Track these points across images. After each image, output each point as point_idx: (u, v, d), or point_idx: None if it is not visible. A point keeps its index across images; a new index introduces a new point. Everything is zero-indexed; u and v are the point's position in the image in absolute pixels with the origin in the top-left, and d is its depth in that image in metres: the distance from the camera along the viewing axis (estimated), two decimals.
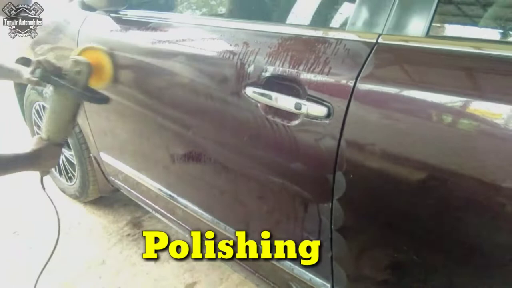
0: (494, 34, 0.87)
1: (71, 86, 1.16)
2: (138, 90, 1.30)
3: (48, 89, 1.83)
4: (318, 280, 1.01)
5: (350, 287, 0.96)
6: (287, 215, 1.02)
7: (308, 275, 1.03)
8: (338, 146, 0.82)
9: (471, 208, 0.69)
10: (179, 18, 1.23)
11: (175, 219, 1.48)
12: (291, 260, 1.06)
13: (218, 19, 1.24)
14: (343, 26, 0.86)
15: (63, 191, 2.17)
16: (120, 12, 1.36)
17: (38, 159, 1.15)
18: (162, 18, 1.26)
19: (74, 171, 1.98)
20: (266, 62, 0.92)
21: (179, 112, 1.19)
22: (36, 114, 2.07)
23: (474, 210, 0.69)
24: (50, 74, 1.16)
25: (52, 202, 1.40)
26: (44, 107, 1.97)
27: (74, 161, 1.92)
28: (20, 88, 2.12)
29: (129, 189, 1.69)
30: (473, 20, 0.80)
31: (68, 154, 1.98)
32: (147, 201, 1.61)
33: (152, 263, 1.77)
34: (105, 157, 1.68)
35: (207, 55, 1.07)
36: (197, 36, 1.14)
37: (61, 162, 2.07)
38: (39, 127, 2.10)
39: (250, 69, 0.95)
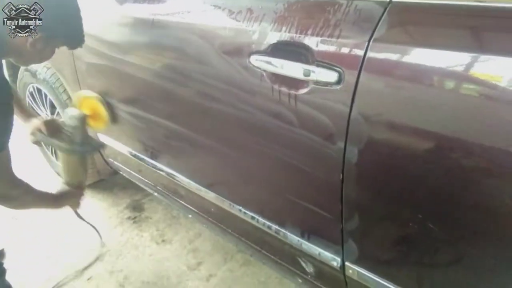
0: None
1: (68, 146, 1.35)
2: (137, 66, 1.25)
3: (42, 70, 1.77)
4: (328, 254, 0.98)
5: (361, 261, 0.93)
6: (296, 188, 0.99)
7: (317, 250, 1.00)
8: (349, 113, 0.78)
9: (488, 178, 0.67)
10: None
11: (177, 199, 1.45)
12: (300, 235, 1.03)
13: None
14: None
15: (60, 175, 2.13)
16: None
17: (61, 200, 1.37)
18: None
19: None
20: (272, 29, 0.88)
21: (181, 87, 1.14)
22: (30, 97, 2.01)
23: (492, 179, 0.66)
24: (49, 138, 1.35)
25: (95, 228, 1.71)
26: (38, 90, 1.91)
27: None
28: (13, 71, 2.05)
29: (129, 170, 1.66)
30: None
31: None
32: (148, 181, 1.58)
33: (154, 244, 1.75)
34: (104, 139, 1.64)
35: (209, 24, 1.02)
36: (198, 4, 1.09)
37: None
38: (34, 110, 2.05)
39: (255, 36, 0.90)
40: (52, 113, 1.92)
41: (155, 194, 1.61)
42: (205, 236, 1.78)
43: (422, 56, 0.69)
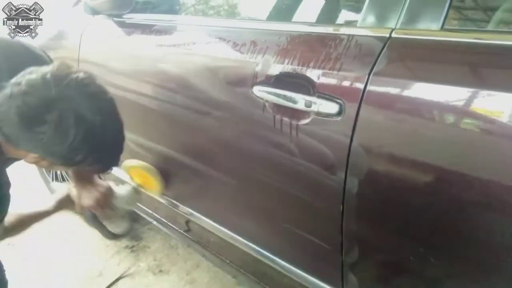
0: None
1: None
2: (140, 95, 1.27)
3: None
4: (327, 287, 0.96)
5: None
6: (296, 218, 0.98)
7: (316, 283, 0.98)
8: (350, 145, 0.79)
9: (489, 212, 0.67)
10: (184, 20, 1.22)
11: (177, 228, 1.43)
12: (299, 266, 1.02)
13: (224, 19, 1.23)
14: (354, 22, 0.84)
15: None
16: (124, 16, 1.35)
17: (59, 204, 1.22)
18: (166, 20, 1.24)
19: (69, 177, 1.93)
20: (275, 61, 0.90)
21: (185, 115, 1.16)
22: None
23: (492, 213, 0.66)
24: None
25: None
26: None
27: None
28: None
29: None
30: (490, 11, 0.78)
31: None
32: (147, 209, 1.56)
33: (151, 275, 1.72)
34: None
35: (214, 56, 1.05)
36: (203, 37, 1.13)
37: (57, 171, 2.03)
38: None
39: (258, 68, 0.93)
40: None
41: (154, 222, 1.60)
42: (203, 267, 1.75)
43: (420, 90, 0.70)
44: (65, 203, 1.22)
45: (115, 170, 1.33)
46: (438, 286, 0.79)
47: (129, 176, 1.39)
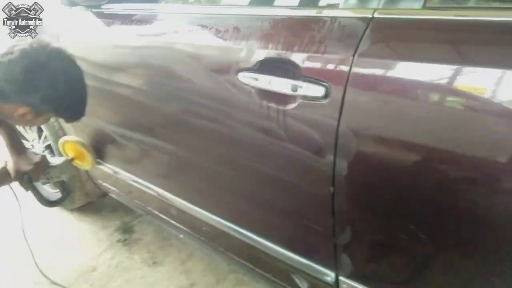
0: None
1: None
2: (126, 87, 1.25)
3: None
4: (321, 269, 0.98)
5: (355, 275, 0.93)
6: (287, 203, 0.99)
7: (310, 265, 1.00)
8: (337, 127, 0.79)
9: (476, 187, 0.68)
10: (165, 9, 1.20)
11: (169, 219, 1.43)
12: (292, 251, 1.03)
13: (206, 6, 1.21)
14: (337, 4, 0.84)
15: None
16: (102, 7, 1.31)
17: None
18: (146, 9, 1.22)
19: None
20: (259, 46, 0.89)
21: (171, 106, 1.15)
22: None
23: (479, 188, 0.68)
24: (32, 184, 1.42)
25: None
26: None
27: None
28: None
29: (118, 191, 1.64)
30: None
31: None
32: (138, 202, 1.56)
33: (145, 267, 1.72)
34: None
35: (197, 43, 1.03)
36: (185, 25, 1.11)
37: None
38: (20, 134, 2.02)
39: (242, 54, 0.92)
40: (40, 137, 1.90)
41: (146, 214, 1.59)
42: (197, 256, 1.76)
43: (404, 70, 0.70)
44: (2, 175, 1.35)
45: None
46: (430, 264, 0.81)
47: (63, 150, 1.60)
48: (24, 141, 2.00)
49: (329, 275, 0.97)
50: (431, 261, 0.80)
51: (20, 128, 1.99)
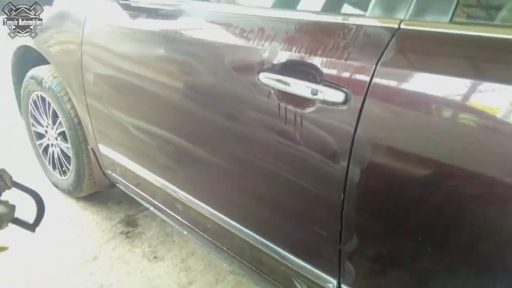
0: None
1: None
2: (145, 79, 1.27)
3: (48, 79, 1.79)
4: (324, 276, 0.97)
5: (357, 284, 0.93)
6: (296, 205, 0.99)
7: (313, 270, 0.99)
8: (354, 134, 0.80)
9: (486, 205, 0.68)
10: (191, 5, 1.21)
11: (174, 214, 1.44)
12: (296, 255, 1.03)
13: (233, 5, 1.23)
14: (363, 13, 0.85)
15: (56, 185, 2.12)
16: None
17: None
18: (173, 5, 1.24)
19: (69, 164, 1.93)
20: (282, 48, 0.90)
21: (188, 101, 1.16)
22: (33, 105, 2.02)
23: (490, 206, 0.67)
24: None
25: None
26: (42, 98, 1.93)
27: (70, 154, 1.87)
28: (18, 78, 2.07)
29: (126, 183, 1.65)
30: (500, 5, 0.78)
31: (64, 146, 1.93)
32: (145, 195, 1.57)
33: (146, 261, 1.72)
34: (104, 149, 1.64)
35: (220, 41, 1.05)
36: (209, 23, 1.12)
37: (55, 155, 2.02)
38: (35, 118, 2.05)
39: (265, 55, 0.93)
40: (54, 123, 1.93)
41: (151, 208, 1.60)
42: (198, 255, 1.76)
43: (426, 83, 0.71)
44: None
45: None
46: (436, 278, 0.80)
47: None
48: (38, 126, 2.05)
49: (331, 283, 0.96)
50: (438, 277, 0.80)
51: (35, 113, 2.02)
